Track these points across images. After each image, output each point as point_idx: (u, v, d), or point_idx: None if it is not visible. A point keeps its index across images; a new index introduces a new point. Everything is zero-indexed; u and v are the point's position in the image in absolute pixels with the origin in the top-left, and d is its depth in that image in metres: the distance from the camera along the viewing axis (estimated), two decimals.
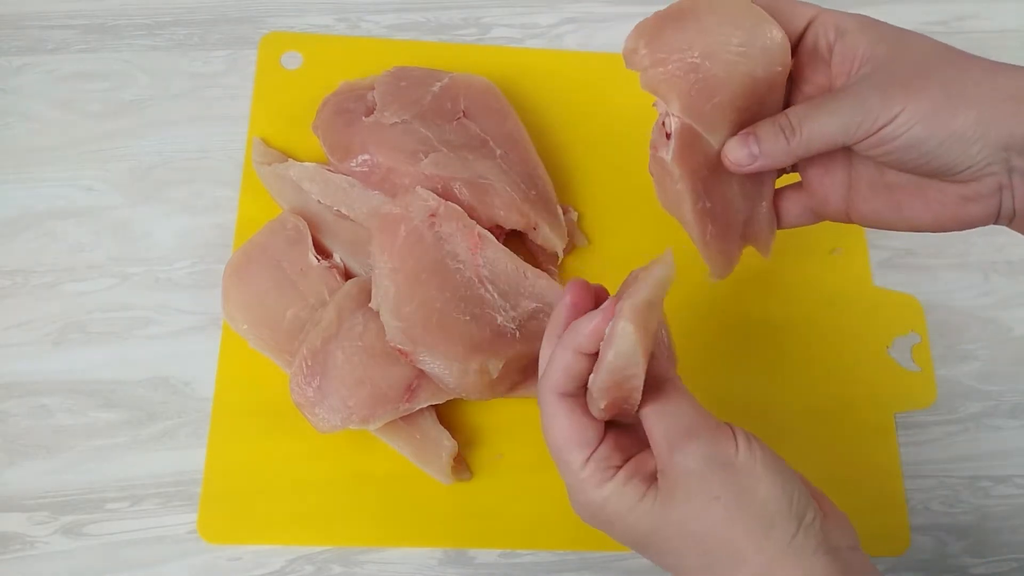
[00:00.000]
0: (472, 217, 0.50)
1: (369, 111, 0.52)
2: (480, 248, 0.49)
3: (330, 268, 0.49)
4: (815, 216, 0.44)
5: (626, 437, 0.35)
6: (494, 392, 0.47)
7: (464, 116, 0.53)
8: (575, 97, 0.58)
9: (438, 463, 0.46)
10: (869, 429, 0.52)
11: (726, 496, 0.32)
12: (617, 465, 0.34)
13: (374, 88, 0.53)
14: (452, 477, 0.46)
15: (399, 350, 0.45)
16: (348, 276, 0.50)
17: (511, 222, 0.50)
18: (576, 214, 0.54)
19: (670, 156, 0.39)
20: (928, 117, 0.35)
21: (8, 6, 0.59)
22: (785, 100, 0.41)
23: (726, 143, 0.39)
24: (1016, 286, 0.56)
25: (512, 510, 0.48)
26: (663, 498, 0.33)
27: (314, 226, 0.51)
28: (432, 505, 0.47)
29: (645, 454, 0.35)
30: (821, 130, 0.37)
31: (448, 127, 0.52)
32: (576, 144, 0.57)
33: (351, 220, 0.51)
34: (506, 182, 0.50)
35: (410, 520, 0.47)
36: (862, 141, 0.37)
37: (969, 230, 0.39)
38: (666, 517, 0.33)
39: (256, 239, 0.50)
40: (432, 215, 0.49)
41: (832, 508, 0.35)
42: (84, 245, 0.53)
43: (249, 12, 0.60)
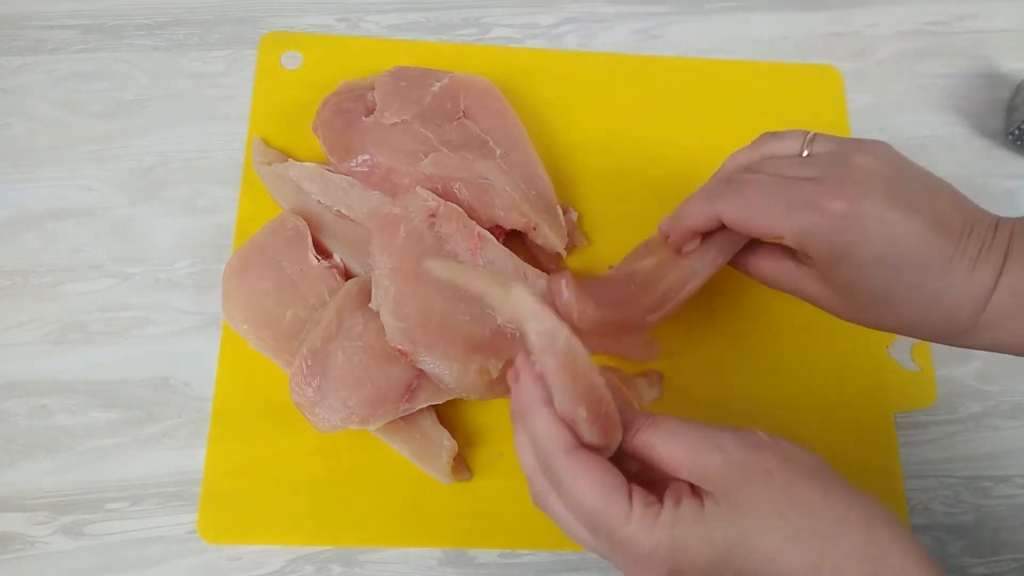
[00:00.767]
0: (472, 217, 0.50)
1: (369, 111, 0.52)
2: (480, 248, 0.49)
3: (330, 268, 0.49)
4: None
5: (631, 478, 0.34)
6: (494, 392, 0.47)
7: (464, 116, 0.53)
8: (575, 97, 0.58)
9: (438, 463, 0.46)
10: (869, 429, 0.52)
11: (776, 465, 0.33)
12: (657, 499, 0.33)
13: (374, 88, 0.53)
14: (452, 477, 0.46)
15: (399, 350, 0.45)
16: (348, 276, 0.50)
17: (511, 222, 0.50)
18: (576, 214, 0.54)
19: None
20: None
21: (8, 6, 0.59)
22: None
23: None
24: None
25: (512, 510, 0.48)
26: (722, 498, 0.33)
27: (314, 226, 0.51)
28: (432, 505, 0.47)
29: (671, 483, 0.34)
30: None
31: (448, 127, 0.52)
32: (576, 144, 0.57)
33: (351, 220, 0.51)
34: (506, 182, 0.50)
35: (410, 520, 0.47)
36: None
37: None
38: (739, 511, 0.33)
39: (256, 239, 0.50)
40: (432, 215, 0.49)
41: None
42: (84, 245, 0.53)
43: (249, 12, 0.60)
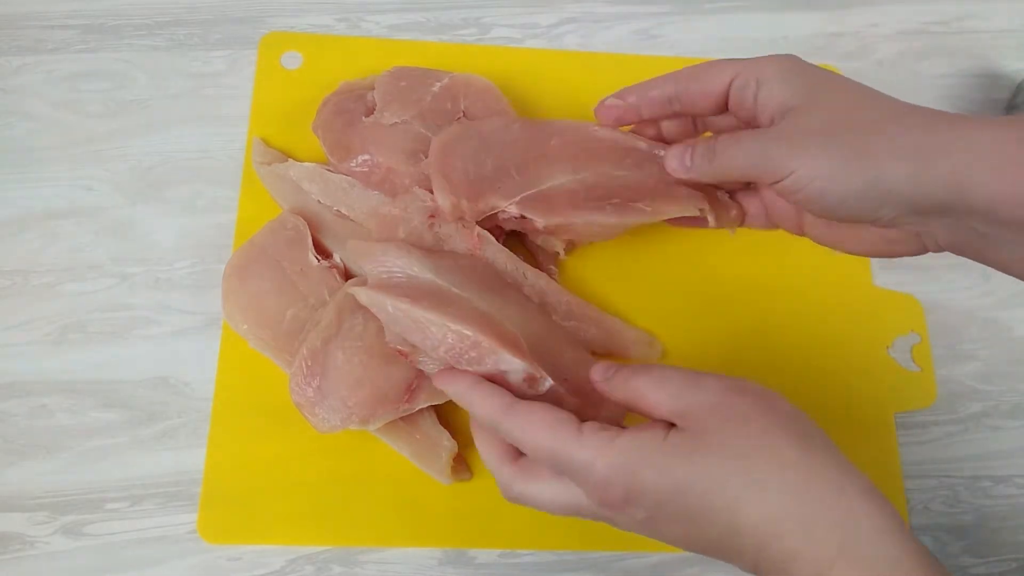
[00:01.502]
0: None
1: (369, 111, 0.52)
2: (480, 248, 0.49)
3: (330, 268, 0.49)
4: (772, 225, 0.45)
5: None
6: None
7: (464, 116, 0.53)
8: (575, 97, 0.58)
9: (438, 463, 0.46)
10: (869, 429, 0.52)
11: (756, 413, 0.33)
12: (618, 430, 0.34)
13: (374, 88, 0.53)
14: (452, 477, 0.46)
15: (399, 350, 0.45)
16: (348, 276, 0.50)
17: (511, 222, 0.50)
18: None
19: (543, 222, 0.47)
20: (827, 175, 0.35)
21: (8, 6, 0.59)
22: None
23: (668, 150, 0.42)
24: (1016, 286, 0.56)
25: (512, 510, 0.48)
26: (690, 434, 0.33)
27: (314, 226, 0.51)
28: (432, 505, 0.47)
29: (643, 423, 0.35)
30: (732, 163, 0.39)
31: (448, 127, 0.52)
32: None
33: (351, 220, 0.51)
34: None
35: (410, 520, 0.47)
36: (770, 186, 0.37)
37: None
38: (704, 448, 0.32)
39: (256, 239, 0.50)
40: (431, 216, 0.49)
41: None
42: (84, 245, 0.53)
43: (249, 12, 0.60)
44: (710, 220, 0.45)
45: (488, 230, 0.50)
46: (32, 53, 0.58)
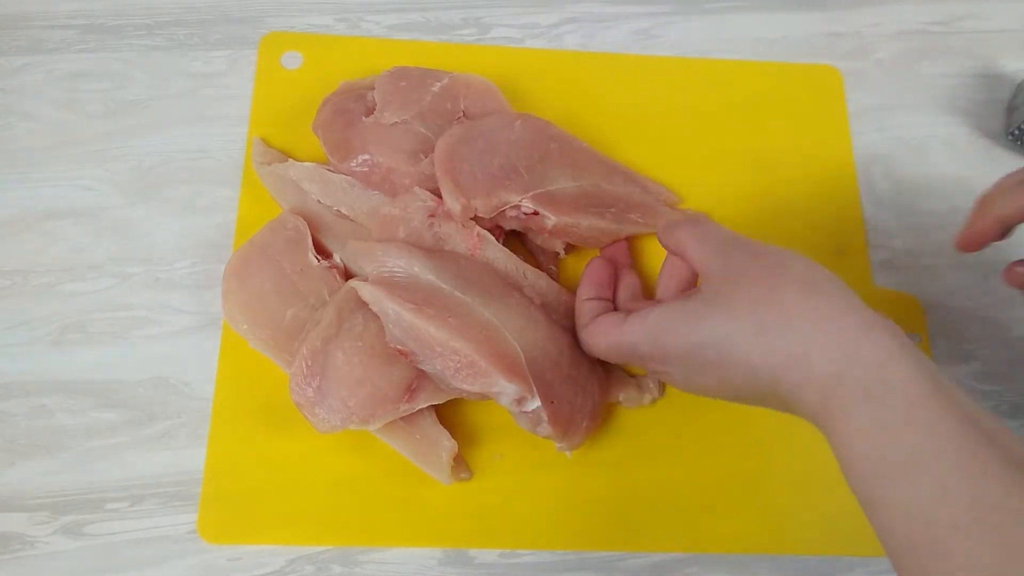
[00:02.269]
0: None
1: (369, 111, 0.52)
2: (479, 248, 0.49)
3: (330, 268, 0.49)
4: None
5: None
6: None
7: (464, 116, 0.53)
8: (575, 97, 0.58)
9: (438, 463, 0.46)
10: None
11: (766, 273, 0.37)
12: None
13: (374, 88, 0.53)
14: (452, 477, 0.46)
15: (399, 350, 0.45)
16: (348, 276, 0.50)
17: (516, 221, 0.50)
18: None
19: (554, 220, 0.49)
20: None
21: (8, 6, 0.59)
22: None
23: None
24: None
25: (512, 510, 0.48)
26: (711, 294, 0.38)
27: (314, 226, 0.51)
28: (432, 505, 0.47)
29: None
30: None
31: (448, 127, 0.52)
32: None
33: (351, 220, 0.51)
34: None
35: (410, 520, 0.47)
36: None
37: None
38: (722, 306, 0.37)
39: (256, 239, 0.50)
40: (431, 216, 0.49)
41: None
42: (84, 245, 0.53)
43: (249, 12, 0.60)
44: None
45: (488, 230, 0.50)
46: (32, 53, 0.58)
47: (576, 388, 0.46)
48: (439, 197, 0.49)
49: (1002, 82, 0.62)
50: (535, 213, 0.49)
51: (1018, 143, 0.59)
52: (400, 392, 0.45)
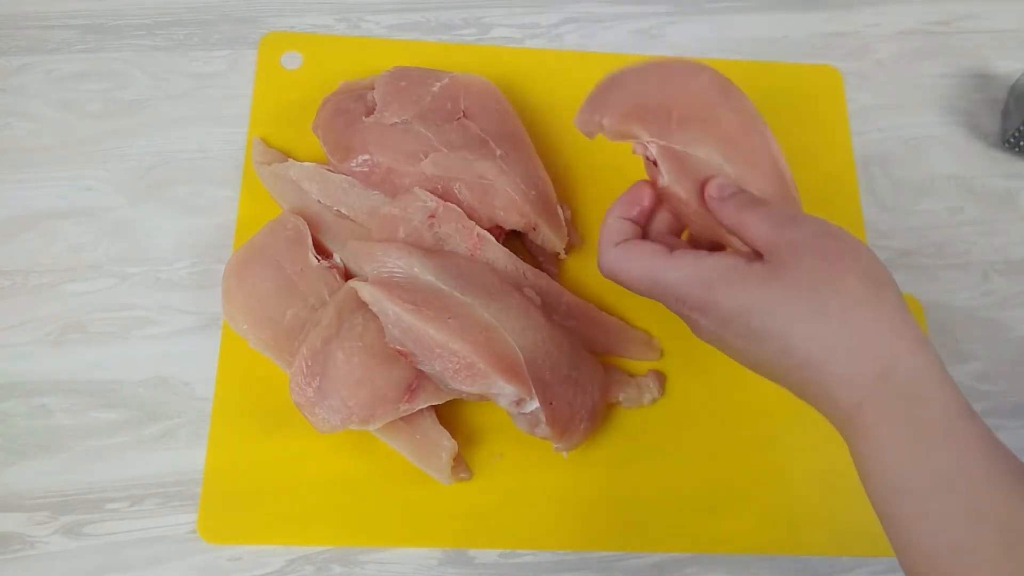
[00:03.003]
0: (472, 218, 0.50)
1: (369, 111, 0.52)
2: (480, 249, 0.49)
3: (330, 268, 0.49)
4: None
5: None
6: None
7: (464, 116, 0.53)
8: (575, 97, 0.58)
9: (438, 463, 0.46)
10: None
11: (836, 256, 0.36)
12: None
13: (374, 88, 0.53)
14: (452, 477, 0.46)
15: (399, 350, 0.45)
16: (348, 276, 0.50)
17: (511, 222, 0.50)
18: (569, 212, 0.54)
19: (667, 180, 0.43)
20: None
21: (8, 6, 0.59)
22: None
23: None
24: (1016, 286, 0.56)
25: (512, 510, 0.48)
26: (771, 263, 0.36)
27: (314, 226, 0.51)
28: (432, 505, 0.47)
29: None
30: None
31: (448, 127, 0.52)
32: (576, 144, 0.57)
33: (351, 220, 0.51)
34: (506, 182, 0.50)
35: (410, 520, 0.47)
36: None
37: (969, 229, 0.40)
38: (780, 276, 0.35)
39: (256, 239, 0.50)
40: (431, 216, 0.49)
41: None
42: (84, 245, 0.53)
43: (249, 12, 0.60)
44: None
45: (488, 230, 0.50)
46: (32, 53, 0.58)
47: (575, 389, 0.46)
48: (439, 197, 0.49)
49: (1001, 82, 0.62)
50: (654, 163, 0.44)
51: (1015, 149, 0.59)
52: (400, 392, 0.45)
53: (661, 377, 0.51)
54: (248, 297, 0.48)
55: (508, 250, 0.50)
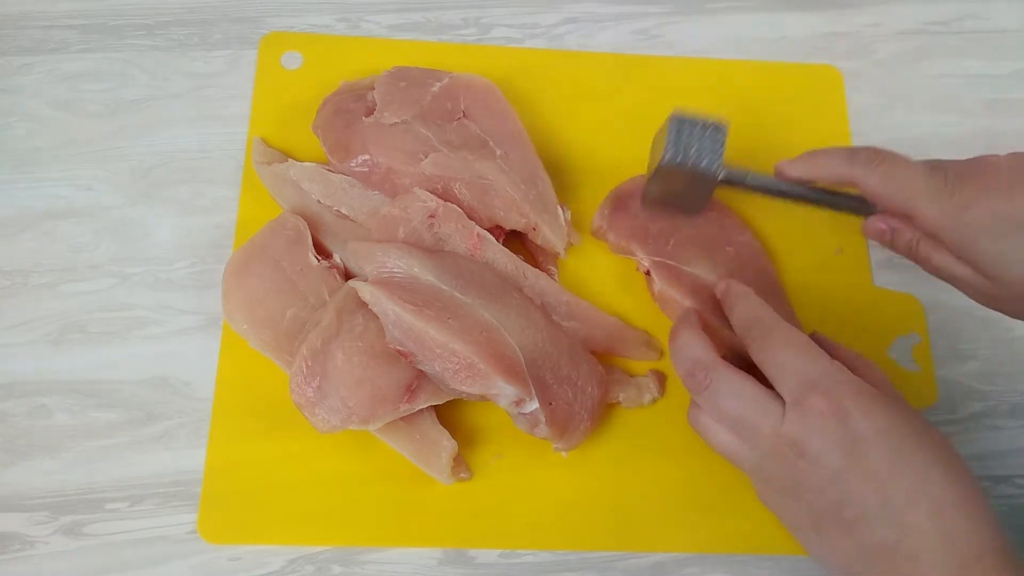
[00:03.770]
0: (472, 218, 0.50)
1: (369, 111, 0.52)
2: (479, 249, 0.49)
3: (330, 268, 0.49)
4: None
5: None
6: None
7: (464, 116, 0.53)
8: (575, 97, 0.58)
9: (438, 463, 0.46)
10: None
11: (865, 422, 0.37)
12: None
13: (374, 88, 0.53)
14: (452, 477, 0.46)
15: (399, 351, 0.45)
16: (348, 276, 0.50)
17: (511, 222, 0.50)
18: (569, 212, 0.53)
19: (659, 286, 0.50)
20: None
21: (8, 6, 0.59)
22: None
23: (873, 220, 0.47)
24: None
25: (512, 510, 0.48)
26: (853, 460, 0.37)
27: (314, 226, 0.51)
28: (432, 505, 0.47)
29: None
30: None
31: (448, 127, 0.52)
32: (576, 144, 0.57)
33: (351, 220, 0.51)
34: (506, 182, 0.50)
35: (410, 520, 0.47)
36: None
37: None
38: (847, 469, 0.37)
39: (256, 239, 0.50)
40: (431, 216, 0.49)
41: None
42: (84, 245, 0.53)
43: (249, 12, 0.60)
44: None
45: (488, 230, 0.50)
46: (32, 53, 0.58)
47: (575, 389, 0.46)
48: (439, 197, 0.49)
49: (1001, 82, 0.62)
50: (647, 272, 0.51)
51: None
52: (400, 392, 0.45)
53: (661, 377, 0.51)
54: (248, 297, 0.48)
55: (508, 250, 0.50)
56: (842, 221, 0.51)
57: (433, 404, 0.46)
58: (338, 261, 0.50)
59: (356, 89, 0.54)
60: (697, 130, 0.45)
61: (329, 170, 0.51)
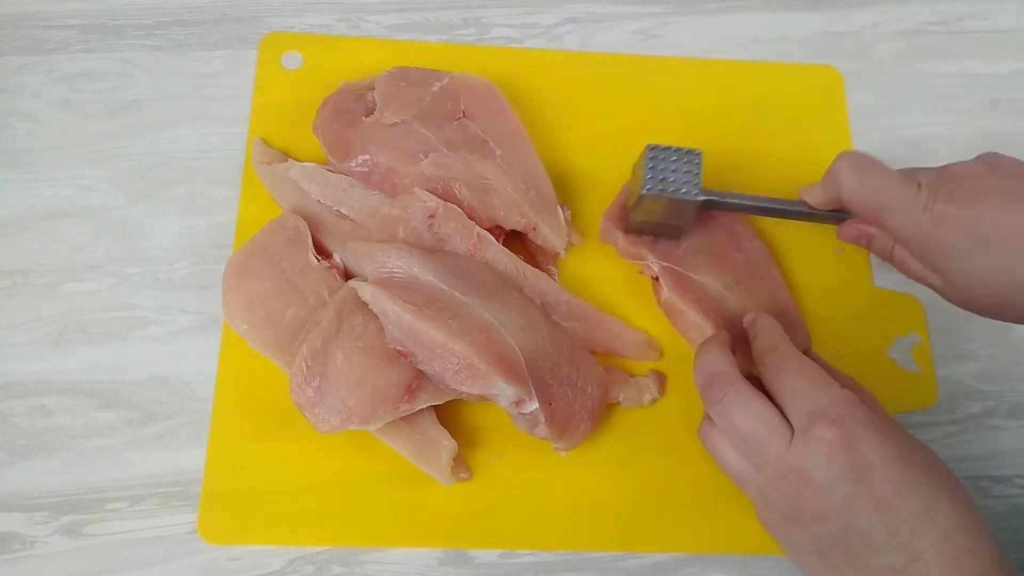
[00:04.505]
0: (472, 218, 0.50)
1: (369, 111, 0.52)
2: (479, 249, 0.49)
3: (330, 268, 0.49)
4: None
5: None
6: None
7: (464, 116, 0.53)
8: (575, 97, 0.58)
9: (438, 463, 0.46)
10: None
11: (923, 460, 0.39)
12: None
13: (374, 88, 0.53)
14: (452, 477, 0.46)
15: (399, 351, 0.45)
16: (348, 276, 0.50)
17: (511, 222, 0.50)
18: (568, 212, 0.53)
19: (666, 294, 0.50)
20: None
21: (8, 6, 0.59)
22: None
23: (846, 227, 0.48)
24: None
25: (512, 510, 0.48)
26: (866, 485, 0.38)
27: (314, 226, 0.51)
28: (432, 505, 0.47)
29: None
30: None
31: (448, 127, 0.52)
32: (576, 144, 0.57)
33: (351, 220, 0.51)
34: (506, 182, 0.50)
35: (410, 520, 0.47)
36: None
37: None
38: (856, 495, 0.37)
39: (256, 239, 0.50)
40: (431, 216, 0.49)
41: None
42: (84, 245, 0.53)
43: (249, 12, 0.60)
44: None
45: (488, 230, 0.50)
46: (32, 53, 0.58)
47: (575, 389, 0.46)
48: (439, 197, 0.49)
49: (1001, 82, 0.62)
50: (655, 278, 0.51)
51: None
52: (400, 392, 0.45)
53: (661, 377, 0.51)
54: (248, 297, 0.48)
55: (508, 250, 0.50)
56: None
57: (433, 404, 0.46)
58: (338, 261, 0.50)
59: (356, 89, 0.54)
60: (672, 158, 0.47)
61: (329, 170, 0.51)
